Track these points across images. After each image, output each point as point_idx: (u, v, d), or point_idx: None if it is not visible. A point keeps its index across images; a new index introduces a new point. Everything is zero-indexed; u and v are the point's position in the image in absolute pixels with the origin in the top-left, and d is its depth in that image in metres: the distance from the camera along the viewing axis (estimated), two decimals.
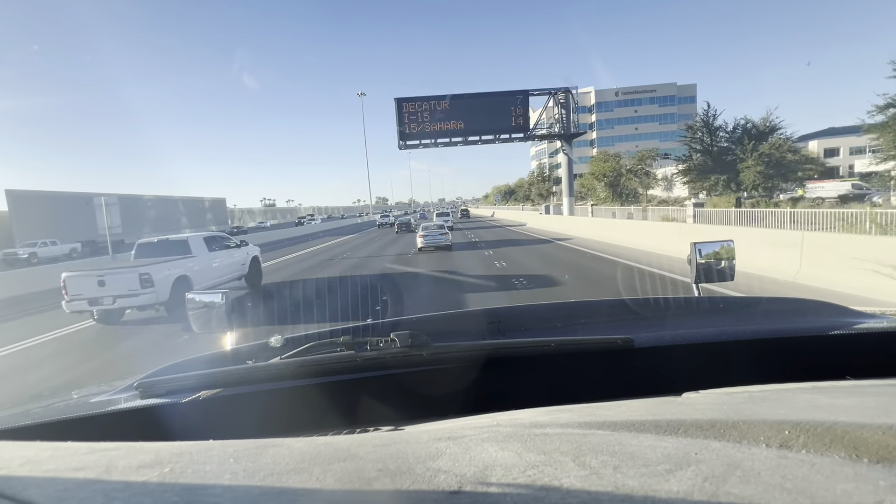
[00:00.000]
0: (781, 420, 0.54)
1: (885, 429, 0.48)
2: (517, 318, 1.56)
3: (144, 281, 7.20)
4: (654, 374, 1.15)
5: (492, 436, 0.59)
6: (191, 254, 8.60)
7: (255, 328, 6.59)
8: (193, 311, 1.55)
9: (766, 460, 0.45)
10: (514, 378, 1.17)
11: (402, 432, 0.74)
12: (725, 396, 0.81)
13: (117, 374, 2.70)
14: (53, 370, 5.69)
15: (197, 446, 0.56)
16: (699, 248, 1.78)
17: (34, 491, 0.42)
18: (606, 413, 0.71)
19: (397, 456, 0.52)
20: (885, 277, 6.18)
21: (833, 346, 1.17)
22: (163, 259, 8.06)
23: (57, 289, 7.72)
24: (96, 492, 0.42)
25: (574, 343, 1.17)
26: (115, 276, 7.21)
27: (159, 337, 6.77)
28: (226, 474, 0.47)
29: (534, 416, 0.75)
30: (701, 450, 0.48)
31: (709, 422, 0.56)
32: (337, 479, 0.45)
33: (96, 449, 0.54)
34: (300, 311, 7.72)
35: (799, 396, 0.75)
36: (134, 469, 0.47)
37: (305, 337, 1.32)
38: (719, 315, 1.58)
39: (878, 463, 0.43)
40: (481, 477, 0.45)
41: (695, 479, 0.41)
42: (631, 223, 17.75)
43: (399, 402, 1.12)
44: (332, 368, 1.08)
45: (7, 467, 0.47)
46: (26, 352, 6.54)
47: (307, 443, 0.60)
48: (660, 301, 1.62)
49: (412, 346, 1.06)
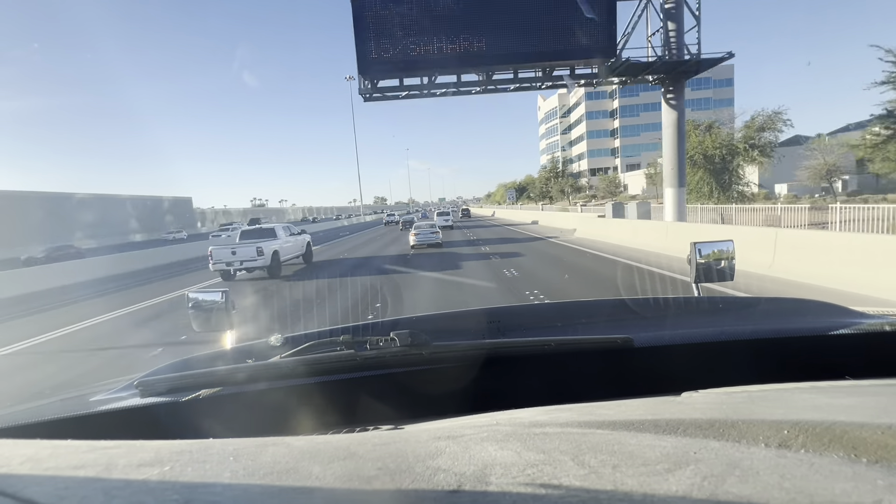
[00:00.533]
0: (780, 420, 0.54)
1: (883, 428, 0.48)
2: (517, 317, 1.56)
3: (259, 252, 11.52)
4: (653, 374, 1.15)
5: (491, 435, 0.59)
6: (276, 237, 12.65)
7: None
8: (194, 311, 1.55)
9: (764, 460, 0.45)
10: (513, 377, 1.17)
11: (401, 431, 0.74)
12: (724, 396, 0.81)
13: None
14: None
15: (197, 445, 0.56)
16: (699, 248, 1.78)
17: (34, 489, 0.42)
18: (606, 412, 0.71)
19: (397, 455, 0.52)
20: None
21: (832, 346, 1.18)
22: (265, 238, 12.33)
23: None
24: (96, 490, 0.42)
25: (574, 342, 1.17)
26: (241, 249, 11.60)
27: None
28: (226, 473, 0.47)
29: (533, 415, 0.75)
30: (700, 449, 0.48)
31: (708, 421, 0.56)
32: (337, 478, 0.45)
33: (96, 447, 0.54)
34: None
35: (798, 396, 0.75)
36: (134, 467, 0.47)
37: (305, 336, 1.32)
38: (719, 315, 1.59)
39: (876, 462, 0.43)
40: (481, 476, 0.45)
41: (694, 478, 0.42)
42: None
43: (399, 401, 1.12)
44: (332, 367, 1.09)
45: (7, 465, 0.48)
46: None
47: (307, 441, 0.61)
48: (659, 301, 1.62)
49: (412, 346, 1.06)
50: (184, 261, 19.83)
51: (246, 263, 11.49)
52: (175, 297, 10.48)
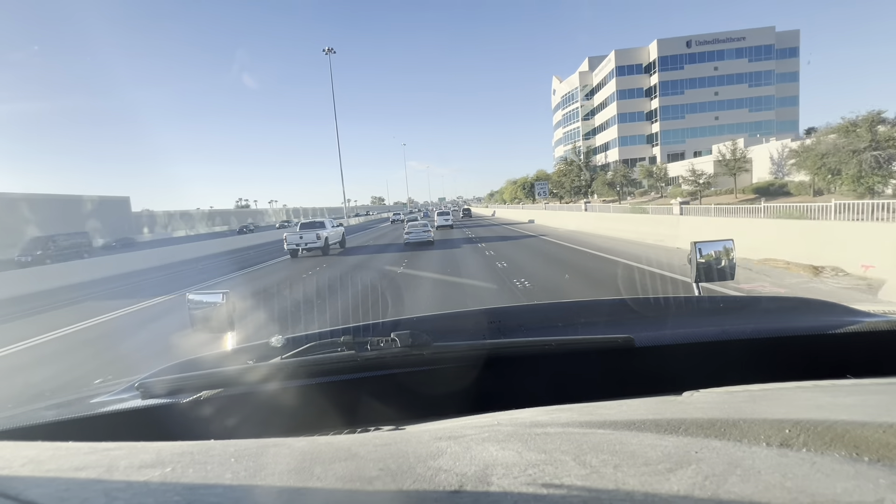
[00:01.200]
0: (782, 419, 0.54)
1: (885, 427, 0.48)
2: (517, 317, 1.56)
3: (318, 236, 17.14)
4: (654, 373, 1.15)
5: (492, 435, 0.59)
6: (325, 228, 18.21)
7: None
8: (194, 311, 1.55)
9: (766, 459, 0.45)
10: (514, 377, 1.17)
11: (402, 432, 0.74)
12: (726, 395, 0.81)
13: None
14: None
15: (198, 446, 0.56)
16: (699, 248, 1.78)
17: (36, 491, 0.42)
18: (607, 412, 0.71)
19: (398, 455, 0.52)
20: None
21: (834, 345, 1.17)
22: (320, 229, 17.82)
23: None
24: (98, 491, 0.42)
25: (574, 342, 1.17)
26: (305, 235, 17.12)
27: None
28: (227, 474, 0.47)
29: (534, 415, 0.75)
30: (701, 448, 0.48)
31: (709, 421, 0.56)
32: (338, 479, 0.45)
33: (98, 449, 0.54)
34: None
35: (799, 395, 0.75)
36: (135, 469, 0.47)
37: (306, 337, 1.32)
38: (719, 314, 1.59)
39: (878, 461, 0.43)
40: (482, 476, 0.45)
41: (695, 477, 0.42)
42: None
43: (400, 401, 1.12)
44: (333, 368, 1.09)
45: (9, 467, 0.48)
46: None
47: (308, 442, 0.61)
48: (660, 300, 1.62)
49: (413, 346, 1.06)
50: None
51: (308, 245, 17.18)
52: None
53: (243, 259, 18.58)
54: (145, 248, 24.12)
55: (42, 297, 12.00)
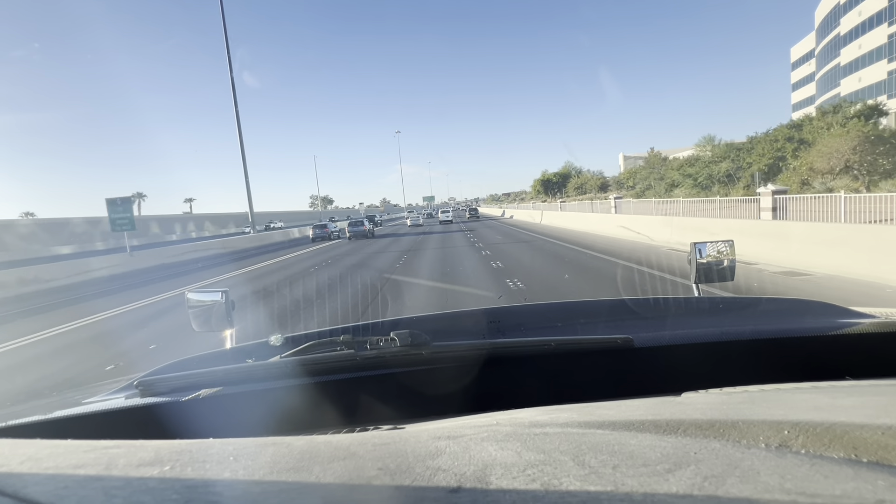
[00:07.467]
0: (781, 420, 0.54)
1: (884, 429, 0.48)
2: (517, 317, 1.56)
3: (367, 225, 29.47)
4: (653, 374, 1.15)
5: (491, 435, 0.59)
6: (364, 223, 29.12)
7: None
8: (193, 310, 1.55)
9: (765, 460, 0.45)
10: (513, 377, 1.17)
11: (401, 431, 0.74)
12: (725, 396, 0.81)
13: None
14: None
15: (197, 444, 0.56)
16: (699, 248, 1.78)
17: (34, 488, 0.42)
18: (606, 412, 0.71)
19: (397, 454, 0.52)
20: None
21: (832, 347, 1.17)
22: (364, 220, 30.20)
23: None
24: (96, 489, 0.42)
25: (574, 342, 1.17)
26: (360, 222, 29.60)
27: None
28: (226, 472, 0.47)
29: (533, 415, 0.75)
30: (700, 449, 0.48)
31: (708, 421, 0.56)
32: (337, 478, 0.45)
33: (96, 447, 0.54)
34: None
35: (798, 396, 0.75)
36: (134, 467, 0.47)
37: (305, 336, 1.32)
38: (719, 315, 1.59)
39: (877, 463, 0.43)
40: (481, 476, 0.45)
41: (694, 478, 0.42)
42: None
43: (399, 401, 1.12)
44: (332, 367, 1.09)
45: (7, 465, 0.48)
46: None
47: (307, 441, 0.61)
48: (659, 301, 1.62)
49: (412, 346, 1.06)
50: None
51: (359, 230, 27.87)
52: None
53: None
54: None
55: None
